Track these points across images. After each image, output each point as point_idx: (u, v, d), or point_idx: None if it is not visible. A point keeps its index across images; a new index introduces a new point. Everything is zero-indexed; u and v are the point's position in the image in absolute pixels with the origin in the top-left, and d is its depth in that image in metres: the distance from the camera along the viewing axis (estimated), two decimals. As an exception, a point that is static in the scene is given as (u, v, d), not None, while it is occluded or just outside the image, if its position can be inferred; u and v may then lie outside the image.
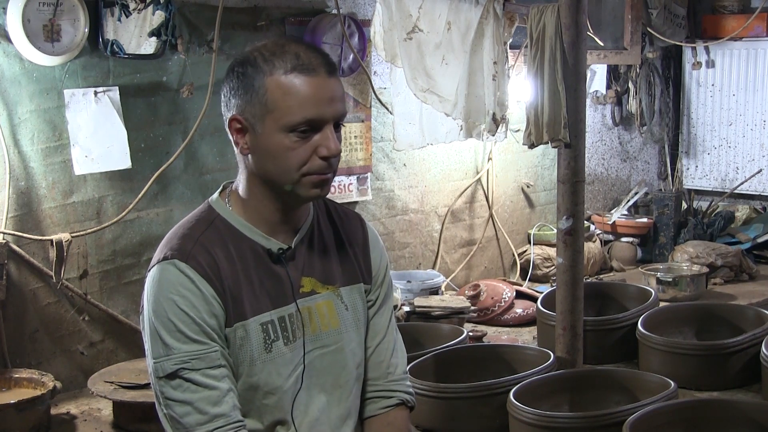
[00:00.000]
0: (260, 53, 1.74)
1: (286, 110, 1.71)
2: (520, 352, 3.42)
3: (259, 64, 1.73)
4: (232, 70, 1.77)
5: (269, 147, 1.74)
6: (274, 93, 1.71)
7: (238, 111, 1.75)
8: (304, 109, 1.71)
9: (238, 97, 1.75)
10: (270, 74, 1.72)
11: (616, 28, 5.21)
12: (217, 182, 3.68)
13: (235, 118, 1.75)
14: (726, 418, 2.77)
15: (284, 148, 1.73)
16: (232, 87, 1.76)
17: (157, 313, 1.72)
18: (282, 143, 1.73)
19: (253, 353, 1.77)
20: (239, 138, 1.77)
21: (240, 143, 1.77)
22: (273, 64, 1.72)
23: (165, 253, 1.75)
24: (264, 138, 1.74)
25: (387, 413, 1.97)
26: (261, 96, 1.72)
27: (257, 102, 1.72)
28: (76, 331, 3.43)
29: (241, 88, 1.74)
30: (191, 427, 1.71)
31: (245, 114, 1.74)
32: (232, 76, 1.76)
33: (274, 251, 1.81)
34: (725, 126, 5.87)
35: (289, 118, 1.71)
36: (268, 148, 1.74)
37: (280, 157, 1.73)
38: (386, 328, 1.99)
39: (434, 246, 4.74)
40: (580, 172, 3.32)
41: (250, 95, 1.73)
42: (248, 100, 1.73)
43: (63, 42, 3.18)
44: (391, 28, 3.97)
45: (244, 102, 1.74)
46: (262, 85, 1.72)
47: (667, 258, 5.11)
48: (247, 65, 1.74)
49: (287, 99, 1.71)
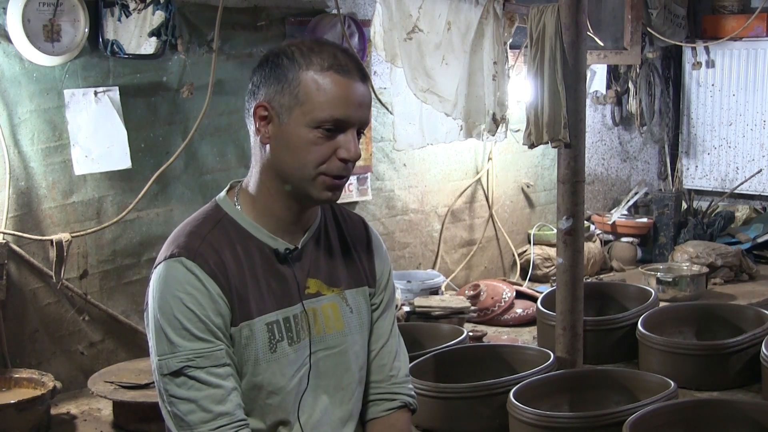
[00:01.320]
0: (298, 48, 1.77)
1: (317, 105, 1.73)
2: (520, 352, 3.42)
3: (296, 57, 1.75)
4: (265, 61, 1.78)
5: (291, 138, 1.75)
6: (307, 86, 1.73)
7: (266, 98, 1.76)
8: (334, 107, 1.73)
9: (268, 86, 1.76)
10: (306, 68, 1.74)
11: (616, 28, 5.21)
12: (217, 182, 3.72)
13: (262, 104, 1.76)
14: (726, 418, 2.77)
15: (306, 142, 1.74)
16: (264, 75, 1.77)
17: (163, 310, 1.71)
18: (305, 137, 1.74)
19: (258, 353, 1.77)
20: (262, 126, 1.77)
21: (262, 131, 1.77)
22: (310, 60, 1.74)
23: (172, 251, 1.75)
24: (288, 129, 1.75)
25: (389, 416, 1.97)
26: (293, 87, 1.73)
27: (288, 93, 1.74)
28: (76, 331, 3.43)
29: (273, 77, 1.75)
30: (195, 425, 1.71)
31: (273, 102, 1.75)
32: (265, 66, 1.78)
33: (281, 251, 1.81)
34: (725, 126, 5.87)
35: (317, 113, 1.73)
36: (290, 139, 1.75)
37: (300, 150, 1.74)
38: (389, 332, 1.99)
39: (434, 246, 4.74)
40: (580, 172, 3.32)
41: (282, 85, 1.74)
42: (279, 90, 1.74)
43: (63, 42, 3.18)
44: (391, 28, 3.97)
45: (274, 91, 1.75)
46: (296, 77, 1.73)
47: (667, 258, 5.11)
48: (283, 56, 1.76)
49: (319, 95, 1.73)
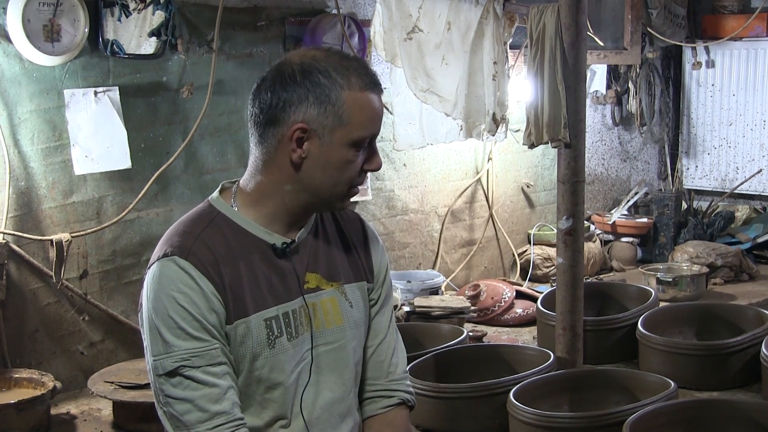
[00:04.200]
0: (330, 64, 1.75)
1: (359, 125, 1.76)
2: (520, 352, 3.42)
3: (333, 76, 1.74)
4: (292, 77, 1.74)
5: (332, 158, 1.76)
6: (351, 107, 1.74)
7: (305, 119, 1.74)
8: (372, 125, 1.79)
9: (307, 105, 1.74)
10: (348, 88, 1.74)
11: (616, 28, 5.21)
12: (217, 182, 3.68)
13: (302, 126, 1.74)
14: (726, 418, 2.77)
15: (346, 161, 1.77)
16: (298, 94, 1.74)
17: (157, 310, 1.71)
18: (345, 156, 1.76)
19: (255, 349, 1.76)
20: (296, 145, 1.76)
21: (297, 151, 1.76)
22: (349, 80, 1.75)
23: (165, 250, 1.74)
24: (329, 149, 1.76)
25: (387, 413, 1.97)
26: (338, 108, 1.74)
27: (332, 113, 1.74)
28: (76, 331, 3.44)
29: (312, 97, 1.73)
30: (191, 424, 1.71)
31: (313, 123, 1.74)
32: (294, 83, 1.74)
33: (278, 246, 1.81)
34: (725, 126, 5.87)
35: (359, 133, 1.76)
36: (330, 159, 1.76)
37: (338, 169, 1.77)
38: (387, 328, 2.00)
39: (434, 246, 4.74)
40: (580, 172, 3.32)
41: (325, 106, 1.74)
42: (322, 111, 1.74)
43: (63, 42, 3.18)
44: (391, 28, 3.97)
45: (315, 111, 1.74)
46: (339, 97, 1.74)
47: (667, 258, 5.11)
48: (318, 74, 1.74)
49: (361, 115, 1.76)
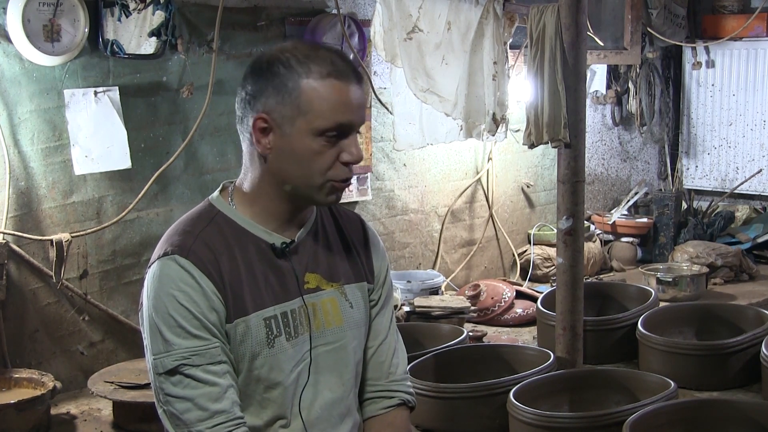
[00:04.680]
0: (293, 54, 1.73)
1: (320, 114, 1.71)
2: (520, 352, 3.42)
3: (293, 66, 1.72)
4: (258, 69, 1.75)
5: (296, 149, 1.73)
6: (309, 95, 1.71)
7: (265, 110, 1.73)
8: (337, 114, 1.72)
9: (266, 96, 1.73)
10: (306, 76, 1.71)
11: (616, 28, 5.21)
12: (217, 182, 3.69)
13: (262, 117, 1.74)
14: (726, 418, 2.77)
15: (312, 151, 1.73)
16: (259, 86, 1.74)
17: (158, 308, 1.71)
18: (310, 146, 1.73)
19: (255, 348, 1.76)
20: (261, 137, 1.75)
21: (262, 142, 1.75)
22: (309, 67, 1.72)
23: (165, 249, 1.74)
24: (292, 140, 1.73)
25: (387, 413, 1.97)
26: (295, 97, 1.71)
27: (289, 103, 1.72)
28: (76, 331, 3.44)
29: (271, 87, 1.72)
30: (191, 423, 1.71)
31: (273, 114, 1.73)
32: (260, 75, 1.74)
33: (278, 245, 1.81)
34: (725, 126, 5.87)
35: (321, 122, 1.72)
36: (295, 150, 1.73)
37: (306, 160, 1.74)
38: (388, 329, 1.99)
39: (434, 246, 4.74)
40: (580, 172, 3.32)
41: (282, 95, 1.72)
42: (279, 101, 1.72)
43: (63, 42, 3.18)
44: (391, 28, 3.97)
45: (274, 102, 1.72)
46: (296, 86, 1.71)
47: (667, 258, 5.11)
48: (279, 65, 1.72)
49: (322, 103, 1.71)
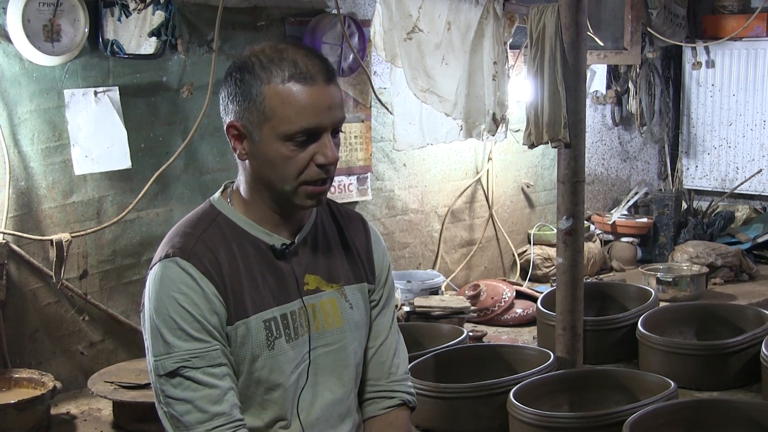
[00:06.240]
0: (258, 59, 1.73)
1: (284, 119, 1.71)
2: (520, 352, 3.42)
3: (256, 71, 1.72)
4: (229, 75, 1.76)
5: (267, 155, 1.74)
6: (271, 101, 1.71)
7: (235, 117, 1.75)
8: (302, 118, 1.71)
9: (236, 104, 1.74)
10: (268, 82, 1.71)
11: (616, 28, 5.21)
12: (217, 182, 3.71)
13: (233, 124, 1.75)
14: (726, 418, 2.77)
15: (282, 156, 1.73)
16: (230, 92, 1.75)
17: (159, 310, 1.71)
18: (279, 152, 1.73)
19: (255, 350, 1.77)
20: (237, 144, 1.77)
21: (238, 149, 1.77)
22: (270, 72, 1.71)
23: (167, 251, 1.75)
24: (262, 146, 1.74)
25: (388, 413, 1.97)
26: (259, 104, 1.71)
27: (255, 110, 1.72)
28: (76, 331, 3.43)
29: (239, 94, 1.73)
30: (191, 425, 1.71)
31: (243, 120, 1.74)
32: (230, 82, 1.75)
33: (278, 247, 1.81)
34: (725, 126, 5.87)
35: (286, 127, 1.71)
36: (266, 155, 1.74)
37: (277, 165, 1.74)
38: (389, 329, 1.99)
39: (434, 246, 4.74)
40: (580, 172, 3.32)
41: (248, 102, 1.72)
42: (246, 108, 1.73)
43: (63, 42, 3.18)
44: (391, 28, 3.97)
45: (242, 109, 1.73)
46: (259, 92, 1.71)
47: (667, 258, 5.11)
48: (245, 71, 1.73)
49: (285, 108, 1.70)
